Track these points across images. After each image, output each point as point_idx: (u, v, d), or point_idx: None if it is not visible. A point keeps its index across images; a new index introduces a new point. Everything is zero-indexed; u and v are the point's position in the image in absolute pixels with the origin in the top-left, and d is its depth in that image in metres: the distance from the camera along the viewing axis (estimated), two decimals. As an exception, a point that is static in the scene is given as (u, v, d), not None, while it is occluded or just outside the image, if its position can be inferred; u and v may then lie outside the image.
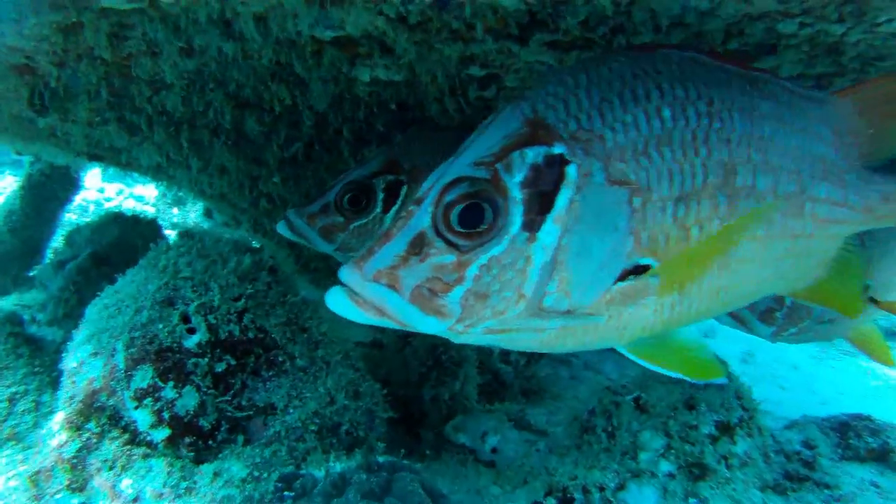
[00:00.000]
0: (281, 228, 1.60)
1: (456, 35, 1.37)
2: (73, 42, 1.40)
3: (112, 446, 1.36)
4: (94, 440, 1.36)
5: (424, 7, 1.26)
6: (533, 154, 0.98)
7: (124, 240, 2.42)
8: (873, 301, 1.78)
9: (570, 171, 0.98)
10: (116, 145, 1.99)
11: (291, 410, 1.47)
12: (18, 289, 2.77)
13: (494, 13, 1.28)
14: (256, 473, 1.38)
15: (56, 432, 1.37)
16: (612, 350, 2.86)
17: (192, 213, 3.79)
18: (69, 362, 1.45)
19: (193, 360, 1.41)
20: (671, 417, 1.77)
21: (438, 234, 0.95)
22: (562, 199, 0.97)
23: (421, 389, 1.90)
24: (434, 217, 0.95)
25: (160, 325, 1.41)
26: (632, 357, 1.16)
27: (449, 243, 0.94)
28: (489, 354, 2.28)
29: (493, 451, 1.83)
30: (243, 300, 1.47)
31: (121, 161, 2.12)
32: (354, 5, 1.25)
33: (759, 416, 1.80)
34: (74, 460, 1.34)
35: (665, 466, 1.72)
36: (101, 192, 4.45)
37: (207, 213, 3.03)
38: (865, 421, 2.19)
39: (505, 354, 2.34)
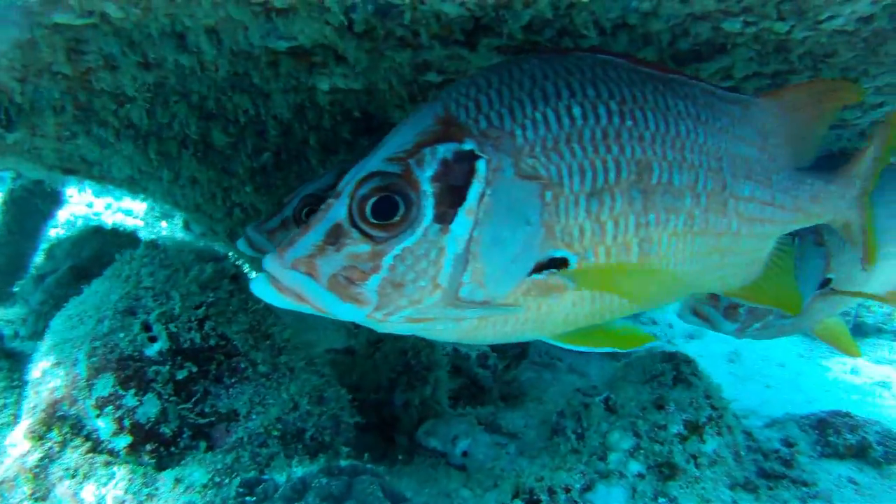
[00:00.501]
0: (241, 245, 1.64)
1: (403, 42, 1.41)
2: (32, 58, 1.44)
3: (74, 455, 1.40)
4: (57, 449, 1.40)
5: (368, 16, 1.30)
6: (443, 150, 1.03)
7: (104, 253, 2.46)
8: (833, 289, 1.81)
9: (480, 165, 1.04)
10: (88, 158, 2.03)
11: (254, 416, 1.51)
12: (2, 304, 2.81)
13: (438, 20, 1.32)
14: (218, 479, 1.42)
15: (18, 442, 1.40)
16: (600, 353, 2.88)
17: (181, 226, 3.84)
18: (33, 373, 1.49)
19: (154, 368, 1.45)
20: (640, 417, 1.79)
21: (354, 225, 1.00)
22: (472, 193, 1.02)
23: (392, 394, 1.93)
24: (350, 209, 1.00)
25: (121, 335, 1.45)
26: (558, 343, 1.20)
27: (364, 234, 1.00)
28: (466, 359, 2.31)
29: (464, 454, 1.86)
30: (204, 308, 1.51)
31: (94, 174, 2.16)
32: (299, 16, 1.29)
33: (729, 414, 1.82)
34: (37, 469, 1.38)
35: (634, 466, 1.74)
36: (89, 206, 4.51)
37: (187, 226, 3.08)
38: (844, 417, 2.22)
39: (483, 359, 2.37)
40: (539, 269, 1.08)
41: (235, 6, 1.26)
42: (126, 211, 4.46)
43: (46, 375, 1.45)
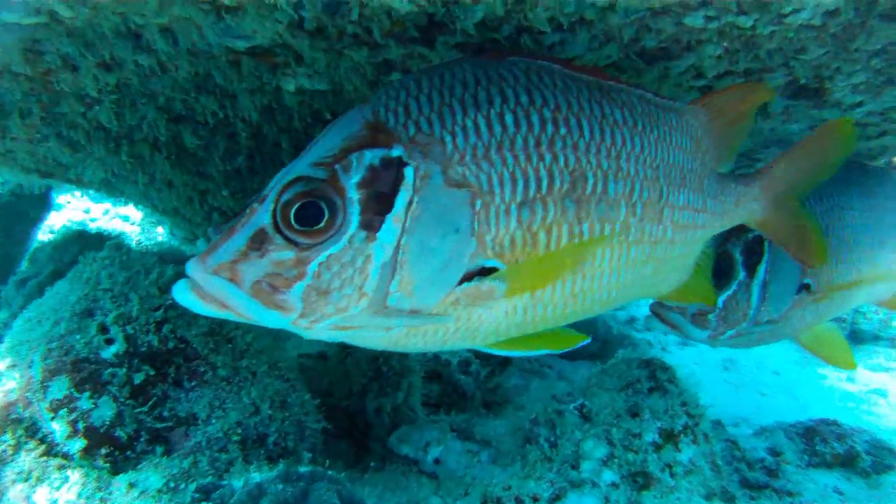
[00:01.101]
0: (201, 247, 1.63)
1: (358, 40, 1.40)
2: (-12, 59, 1.45)
3: (28, 458, 1.40)
4: (10, 452, 1.40)
5: (317, 13, 1.29)
6: (370, 156, 1.02)
7: (87, 257, 2.47)
8: (807, 288, 1.79)
9: (408, 173, 1.02)
10: (62, 161, 2.04)
11: (214, 421, 1.50)
12: (-11, 309, 2.83)
13: (388, 16, 1.31)
14: (173, 484, 1.41)
15: (-29, 445, 1.40)
16: (587, 358, 2.86)
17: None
18: (-11, 375, 1.48)
19: (110, 370, 1.44)
20: (614, 425, 1.77)
21: (278, 230, 0.99)
22: (400, 201, 1.01)
23: (364, 400, 1.91)
24: (274, 214, 0.99)
25: (77, 336, 1.45)
26: (490, 350, 1.19)
27: (288, 240, 0.99)
28: (447, 365, 2.29)
29: (436, 461, 1.84)
30: (163, 310, 1.50)
31: (70, 178, 2.17)
32: (248, 13, 1.28)
33: (705, 422, 1.80)
34: (-11, 472, 1.38)
35: (608, 476, 1.72)
36: (86, 212, 4.54)
37: (172, 232, 3.09)
38: (832, 426, 2.18)
39: (465, 365, 2.35)
40: (469, 278, 1.06)
41: (182, 4, 1.26)
42: (123, 217, 4.49)
43: (2, 378, 1.45)
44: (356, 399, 1.92)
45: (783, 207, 1.50)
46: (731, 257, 1.79)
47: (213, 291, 0.96)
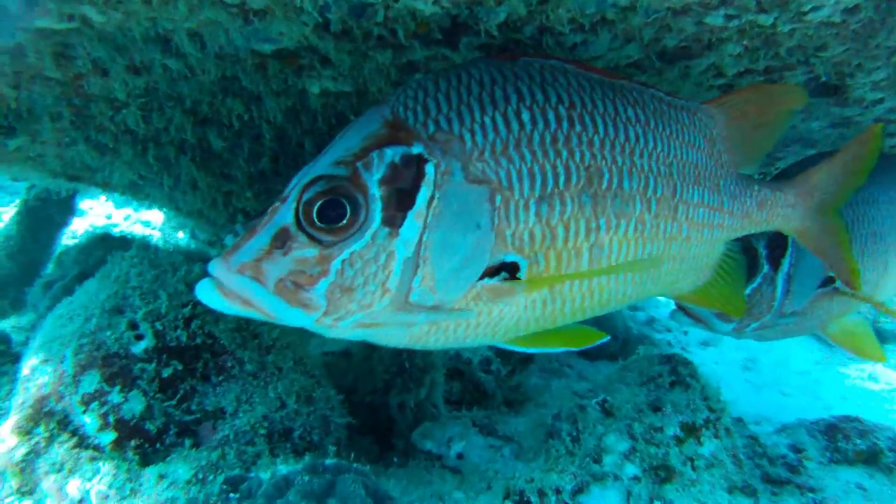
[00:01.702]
0: (230, 241, 1.67)
1: (384, 42, 1.43)
2: (21, 63, 1.49)
3: (60, 450, 1.44)
4: (43, 444, 1.44)
5: (343, 15, 1.32)
6: (391, 153, 1.04)
7: (111, 260, 2.52)
8: (836, 289, 1.80)
9: (429, 169, 1.05)
10: (90, 164, 2.09)
11: (241, 415, 1.54)
12: (16, 311, 2.89)
13: (413, 18, 1.34)
14: (201, 476, 1.44)
15: (6, 437, 1.44)
16: (607, 358, 2.87)
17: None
18: (23, 370, 1.53)
19: (140, 365, 1.48)
20: (636, 420, 1.79)
21: (301, 229, 1.00)
22: (421, 197, 1.03)
23: (387, 396, 1.95)
24: (296, 213, 1.00)
25: (108, 332, 1.49)
26: (510, 347, 1.21)
27: (311, 238, 1.00)
28: (468, 364, 2.32)
29: (459, 456, 1.87)
30: (191, 307, 1.54)
31: (97, 181, 2.22)
32: (276, 16, 1.32)
33: (727, 416, 1.81)
34: (23, 464, 1.42)
35: (630, 469, 1.74)
36: (108, 217, 4.61)
37: (194, 234, 3.14)
38: (854, 423, 2.18)
39: (486, 364, 2.38)
40: (490, 273, 1.09)
41: (211, 8, 1.29)
42: (144, 222, 4.55)
43: (35, 372, 1.49)
44: (380, 395, 1.95)
45: (821, 218, 1.52)
46: (755, 250, 1.81)
47: (236, 290, 0.98)
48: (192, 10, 1.31)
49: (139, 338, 1.49)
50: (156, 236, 4.19)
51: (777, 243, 1.84)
